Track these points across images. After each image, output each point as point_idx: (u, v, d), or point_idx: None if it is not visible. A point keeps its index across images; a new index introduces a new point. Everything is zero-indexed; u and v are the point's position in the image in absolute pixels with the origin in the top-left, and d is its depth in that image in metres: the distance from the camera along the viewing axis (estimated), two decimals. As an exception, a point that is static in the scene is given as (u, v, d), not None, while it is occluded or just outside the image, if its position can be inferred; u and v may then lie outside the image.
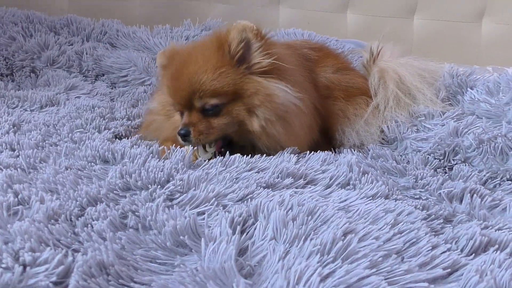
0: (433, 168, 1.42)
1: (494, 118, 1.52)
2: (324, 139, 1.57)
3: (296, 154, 1.37)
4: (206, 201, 1.05)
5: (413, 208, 1.09)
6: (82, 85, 2.02)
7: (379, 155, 1.47)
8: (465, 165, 1.41)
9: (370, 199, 1.13)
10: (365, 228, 0.94)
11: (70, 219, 0.95)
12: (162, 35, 2.43)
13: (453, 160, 1.44)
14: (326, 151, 1.42)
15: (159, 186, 1.09)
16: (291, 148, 1.39)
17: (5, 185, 1.04)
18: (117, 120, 1.60)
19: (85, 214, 0.96)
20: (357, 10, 2.87)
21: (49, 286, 0.74)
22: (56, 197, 1.02)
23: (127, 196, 1.05)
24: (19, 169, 1.15)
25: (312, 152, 1.40)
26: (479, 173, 1.37)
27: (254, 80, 1.35)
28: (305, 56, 1.62)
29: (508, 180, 1.35)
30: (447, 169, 1.43)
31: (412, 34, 2.91)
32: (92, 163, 1.22)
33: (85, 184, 1.08)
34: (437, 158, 1.45)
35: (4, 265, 0.76)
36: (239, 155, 1.30)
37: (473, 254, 0.94)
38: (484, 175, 1.36)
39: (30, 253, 0.78)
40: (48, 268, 0.76)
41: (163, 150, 1.29)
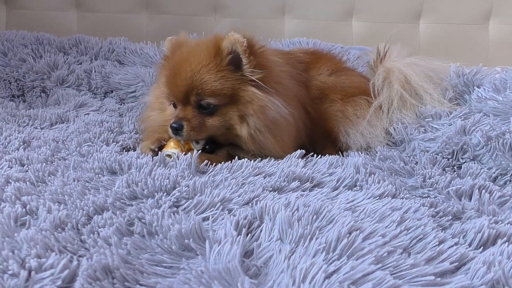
0: (442, 168, 1.40)
1: (502, 115, 1.51)
2: (328, 143, 1.58)
3: (304, 159, 1.37)
4: (212, 206, 1.05)
5: (420, 206, 1.08)
6: (91, 102, 2.04)
7: (387, 157, 1.46)
8: (474, 163, 1.39)
9: (377, 199, 1.13)
10: (371, 226, 0.94)
11: (77, 227, 0.95)
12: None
13: (462, 159, 1.43)
14: (333, 155, 1.43)
15: (165, 194, 1.10)
16: (299, 152, 1.40)
17: (14, 197, 1.05)
18: (125, 134, 1.61)
19: (92, 222, 0.97)
20: (362, 17, 2.87)
21: (55, 291, 0.75)
22: (63, 207, 1.02)
23: (134, 204, 1.05)
24: (28, 182, 1.16)
25: (320, 156, 1.40)
26: (489, 170, 1.36)
27: (250, 90, 1.38)
28: (298, 59, 1.65)
29: (518, 176, 1.34)
30: (456, 168, 1.41)
31: (419, 39, 2.90)
32: (100, 175, 1.23)
33: (92, 194, 1.09)
34: (446, 157, 1.44)
35: (11, 272, 0.77)
36: (246, 160, 1.31)
37: (482, 248, 0.94)
38: (494, 172, 1.35)
39: (36, 259, 0.79)
40: (54, 273, 0.77)
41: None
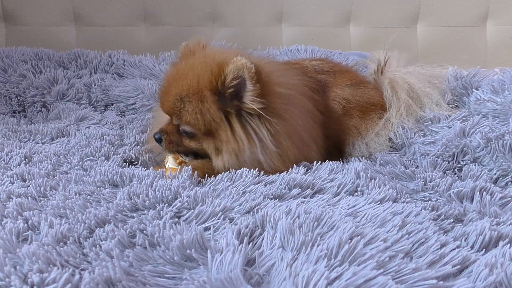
0: (443, 170, 1.40)
1: (501, 116, 1.51)
2: (336, 152, 1.59)
3: (306, 167, 1.38)
4: (213, 216, 1.05)
5: (421, 209, 1.08)
6: (92, 116, 2.04)
7: (388, 162, 1.47)
8: (475, 165, 1.39)
9: (378, 203, 1.13)
10: (373, 231, 0.94)
11: (79, 241, 0.96)
12: (168, 62, 2.47)
13: (462, 161, 1.42)
14: (334, 161, 1.43)
15: (167, 205, 1.10)
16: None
17: (15, 213, 1.05)
18: (126, 146, 1.62)
19: (94, 235, 0.97)
20: (360, 23, 2.88)
21: (58, 306, 0.75)
22: (65, 221, 1.03)
23: (135, 216, 1.05)
24: (30, 198, 1.16)
25: (320, 162, 1.40)
26: (489, 172, 1.35)
27: (228, 130, 1.31)
28: (319, 81, 1.61)
29: (520, 177, 1.33)
30: (457, 170, 1.41)
31: (417, 43, 2.91)
32: (101, 188, 1.23)
33: (94, 207, 1.09)
34: (446, 160, 1.44)
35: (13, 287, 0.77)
36: (246, 169, 1.31)
37: (484, 250, 0.93)
38: (495, 174, 1.35)
39: (38, 274, 0.79)
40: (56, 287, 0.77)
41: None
